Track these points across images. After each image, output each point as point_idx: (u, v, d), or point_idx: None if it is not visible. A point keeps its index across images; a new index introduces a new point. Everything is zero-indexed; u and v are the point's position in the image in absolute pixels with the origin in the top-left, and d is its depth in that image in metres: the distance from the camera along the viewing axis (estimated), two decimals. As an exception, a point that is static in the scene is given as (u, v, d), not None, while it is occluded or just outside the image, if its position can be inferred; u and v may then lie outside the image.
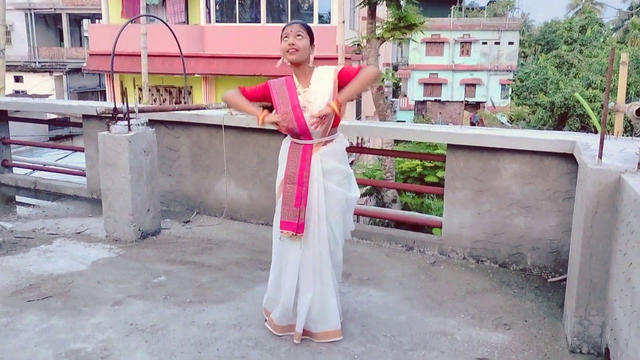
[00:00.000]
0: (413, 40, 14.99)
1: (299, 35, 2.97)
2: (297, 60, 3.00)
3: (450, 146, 4.53)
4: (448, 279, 4.20)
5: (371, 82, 3.01)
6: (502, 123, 34.45)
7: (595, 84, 28.97)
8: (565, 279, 3.94)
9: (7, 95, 9.53)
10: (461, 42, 45.68)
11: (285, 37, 2.99)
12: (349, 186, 3.17)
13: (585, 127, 25.43)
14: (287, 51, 2.97)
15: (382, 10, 17.83)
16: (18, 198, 6.63)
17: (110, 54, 5.26)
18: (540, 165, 4.21)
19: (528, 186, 4.27)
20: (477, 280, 4.18)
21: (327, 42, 17.32)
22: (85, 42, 37.49)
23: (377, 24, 12.60)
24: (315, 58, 3.09)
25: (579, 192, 3.35)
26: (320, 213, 3.05)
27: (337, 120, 3.08)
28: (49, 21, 38.09)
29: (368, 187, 14.97)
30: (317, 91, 3.01)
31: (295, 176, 3.05)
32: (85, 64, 22.51)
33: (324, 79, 3.02)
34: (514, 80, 43.39)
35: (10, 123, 7.19)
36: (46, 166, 7.55)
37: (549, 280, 4.20)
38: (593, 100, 26.27)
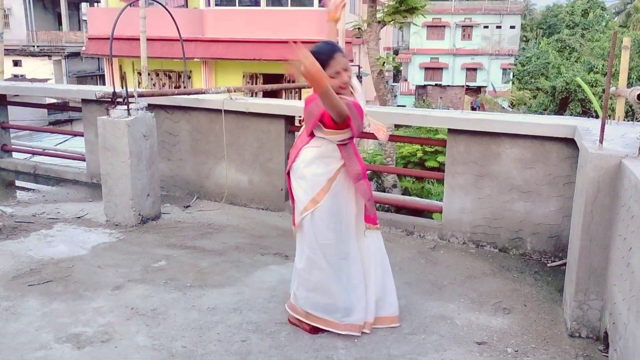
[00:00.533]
0: (414, 24, 14.87)
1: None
2: None
3: (451, 131, 4.52)
4: (448, 263, 4.21)
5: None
6: (503, 108, 34.36)
7: (596, 68, 28.87)
8: (564, 264, 3.95)
9: (5, 80, 9.49)
10: (462, 26, 45.42)
11: (336, 75, 2.88)
12: None
13: (586, 111, 25.36)
14: (340, 87, 2.90)
15: (383, -6, 17.68)
16: (18, 183, 6.63)
17: (109, 38, 5.23)
18: (541, 150, 4.19)
19: (528, 171, 4.26)
20: (477, 264, 4.19)
21: (328, 26, 17.17)
22: (84, 25, 37.24)
23: (377, 8, 12.50)
24: (316, 42, 3.06)
25: (579, 176, 3.34)
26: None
27: None
28: (47, 5, 37.79)
29: (368, 172, 14.95)
30: (362, 96, 3.11)
31: (363, 172, 3.08)
32: (84, 48, 22.39)
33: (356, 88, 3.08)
34: (515, 65, 43.21)
35: (10, 107, 7.17)
36: (46, 151, 7.53)
37: (548, 264, 4.21)
38: (594, 84, 26.18)
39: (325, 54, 2.85)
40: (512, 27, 45.01)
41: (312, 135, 3.05)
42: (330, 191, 2.98)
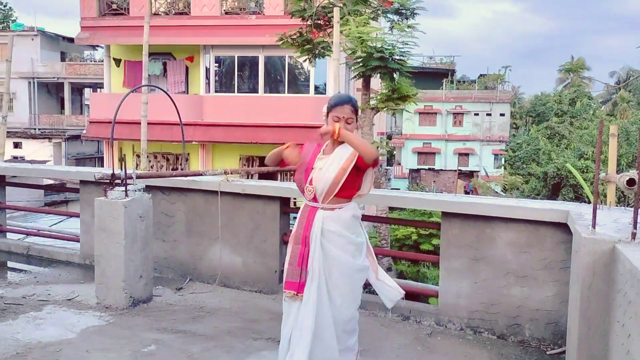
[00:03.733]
0: (406, 110, 15.32)
1: (349, 121, 3.11)
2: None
3: (445, 214, 4.55)
4: (445, 350, 4.11)
5: (367, 151, 3.03)
6: (496, 192, 34.69)
7: (587, 154, 29.44)
8: (564, 352, 3.87)
9: (5, 161, 9.59)
10: (453, 113, 46.78)
11: (337, 119, 3.10)
12: (356, 253, 3.13)
13: (579, 197, 25.60)
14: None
15: (376, 82, 18.40)
16: (10, 264, 6.55)
17: (110, 122, 5.36)
18: (535, 234, 4.22)
19: (524, 255, 4.26)
20: (475, 352, 4.09)
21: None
22: (85, 109, 38.23)
23: (371, 95, 12.91)
24: (310, 127, 3.21)
25: (574, 261, 3.35)
26: (315, 274, 3.02)
27: (350, 191, 3.14)
28: (51, 89, 38.99)
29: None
30: (334, 160, 3.11)
31: (300, 236, 3.10)
32: (84, 131, 22.82)
33: (344, 152, 3.11)
34: (506, 151, 44.09)
35: (7, 188, 7.21)
36: (40, 231, 7.50)
37: (548, 352, 4.12)
38: (585, 170, 26.60)
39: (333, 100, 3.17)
40: (502, 114, 46.36)
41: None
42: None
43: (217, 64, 20.79)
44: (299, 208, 3.24)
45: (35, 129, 35.75)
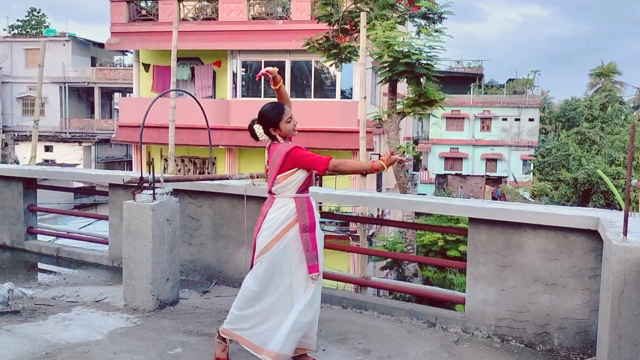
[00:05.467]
0: (433, 115, 15.23)
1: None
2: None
3: (472, 220, 4.50)
4: (472, 358, 4.05)
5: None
6: (525, 198, 34.20)
7: (618, 161, 28.90)
8: (594, 361, 3.78)
9: (37, 164, 9.82)
10: (481, 118, 46.33)
11: (290, 120, 3.64)
12: None
13: (610, 204, 25.11)
14: (294, 129, 3.67)
15: (402, 87, 18.32)
16: (40, 265, 6.69)
17: (139, 126, 5.43)
18: (565, 241, 4.14)
19: (553, 262, 4.19)
20: (502, 360, 4.03)
21: (349, 116, 17.70)
22: (115, 114, 38.97)
23: (397, 100, 12.88)
24: (338, 132, 3.31)
25: (604, 269, 3.28)
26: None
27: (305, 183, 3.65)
28: (81, 94, 39.83)
29: (389, 260, 14.79)
30: (272, 163, 3.62)
31: (308, 225, 3.54)
32: (114, 135, 23.25)
33: (277, 156, 3.60)
34: (535, 156, 43.49)
35: (38, 191, 7.36)
36: (70, 234, 7.64)
37: (577, 362, 4.04)
38: (617, 177, 26.08)
39: (276, 108, 3.64)
40: (531, 119, 45.74)
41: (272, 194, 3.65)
42: (279, 241, 3.53)
43: (244, 69, 20.99)
44: (325, 212, 3.33)
45: (65, 132, 36.57)
